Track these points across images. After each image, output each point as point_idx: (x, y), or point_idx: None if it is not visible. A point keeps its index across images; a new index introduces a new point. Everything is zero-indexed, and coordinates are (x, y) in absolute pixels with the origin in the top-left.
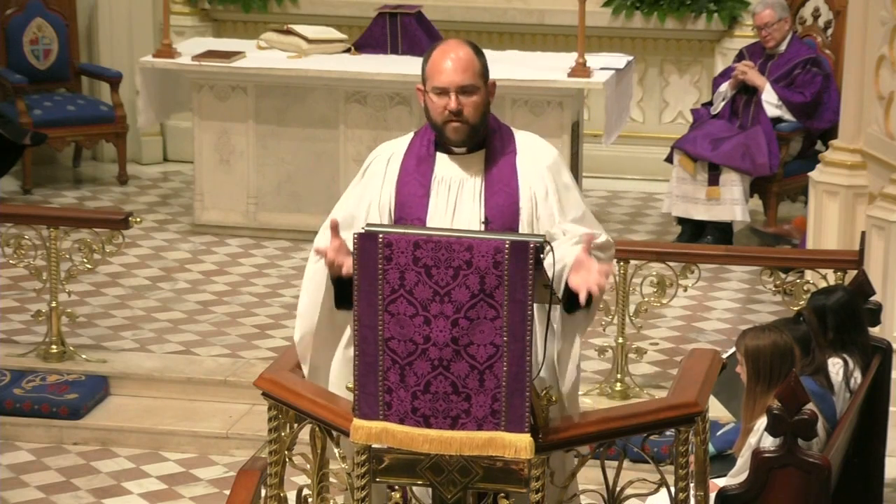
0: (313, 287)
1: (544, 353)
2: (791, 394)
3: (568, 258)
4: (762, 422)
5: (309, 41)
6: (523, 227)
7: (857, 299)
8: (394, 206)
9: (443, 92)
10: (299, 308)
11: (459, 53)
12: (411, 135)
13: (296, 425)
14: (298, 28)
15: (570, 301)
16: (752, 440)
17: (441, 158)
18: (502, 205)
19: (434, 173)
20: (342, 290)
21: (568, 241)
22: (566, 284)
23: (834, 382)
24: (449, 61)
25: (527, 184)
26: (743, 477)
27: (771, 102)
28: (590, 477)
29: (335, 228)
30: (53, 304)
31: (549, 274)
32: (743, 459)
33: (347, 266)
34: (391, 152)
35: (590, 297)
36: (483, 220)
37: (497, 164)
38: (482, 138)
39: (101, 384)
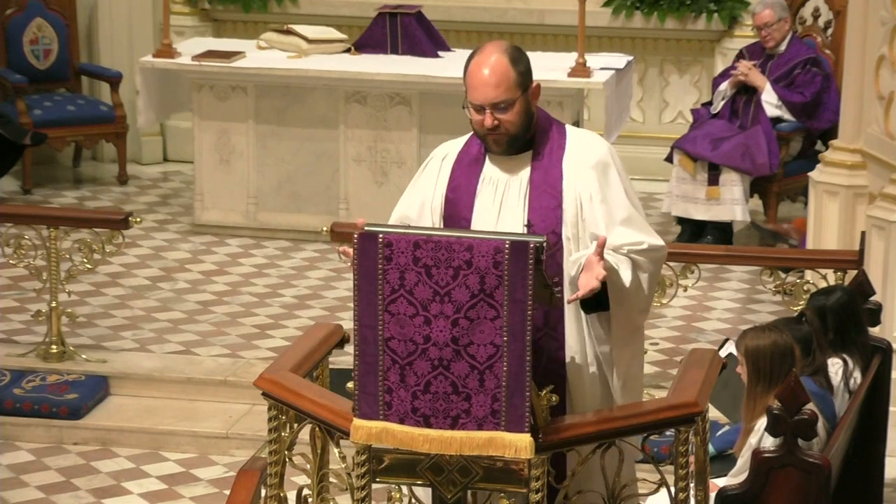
0: None
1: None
2: (791, 394)
3: (583, 258)
4: (762, 422)
5: (309, 41)
6: (567, 230)
7: (857, 299)
8: (444, 205)
9: (479, 108)
10: None
11: (493, 65)
12: (470, 134)
13: (296, 425)
14: (298, 28)
15: (586, 302)
16: (752, 440)
17: (491, 158)
18: (546, 207)
19: (482, 174)
20: None
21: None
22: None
23: (833, 383)
24: (482, 75)
25: (571, 185)
26: (743, 477)
27: (771, 102)
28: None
29: None
30: (53, 304)
31: (572, 273)
32: (743, 459)
33: None
34: (446, 152)
35: (605, 297)
36: (525, 223)
37: (544, 165)
38: (531, 138)
39: (101, 384)
